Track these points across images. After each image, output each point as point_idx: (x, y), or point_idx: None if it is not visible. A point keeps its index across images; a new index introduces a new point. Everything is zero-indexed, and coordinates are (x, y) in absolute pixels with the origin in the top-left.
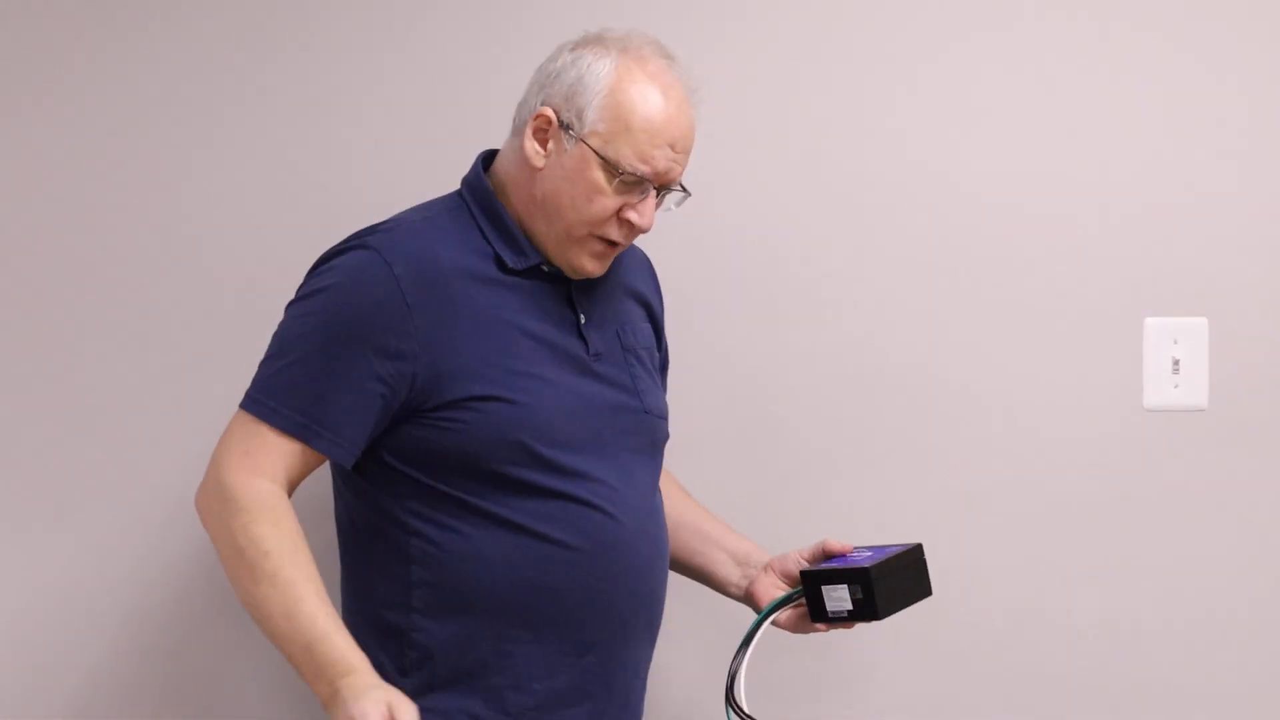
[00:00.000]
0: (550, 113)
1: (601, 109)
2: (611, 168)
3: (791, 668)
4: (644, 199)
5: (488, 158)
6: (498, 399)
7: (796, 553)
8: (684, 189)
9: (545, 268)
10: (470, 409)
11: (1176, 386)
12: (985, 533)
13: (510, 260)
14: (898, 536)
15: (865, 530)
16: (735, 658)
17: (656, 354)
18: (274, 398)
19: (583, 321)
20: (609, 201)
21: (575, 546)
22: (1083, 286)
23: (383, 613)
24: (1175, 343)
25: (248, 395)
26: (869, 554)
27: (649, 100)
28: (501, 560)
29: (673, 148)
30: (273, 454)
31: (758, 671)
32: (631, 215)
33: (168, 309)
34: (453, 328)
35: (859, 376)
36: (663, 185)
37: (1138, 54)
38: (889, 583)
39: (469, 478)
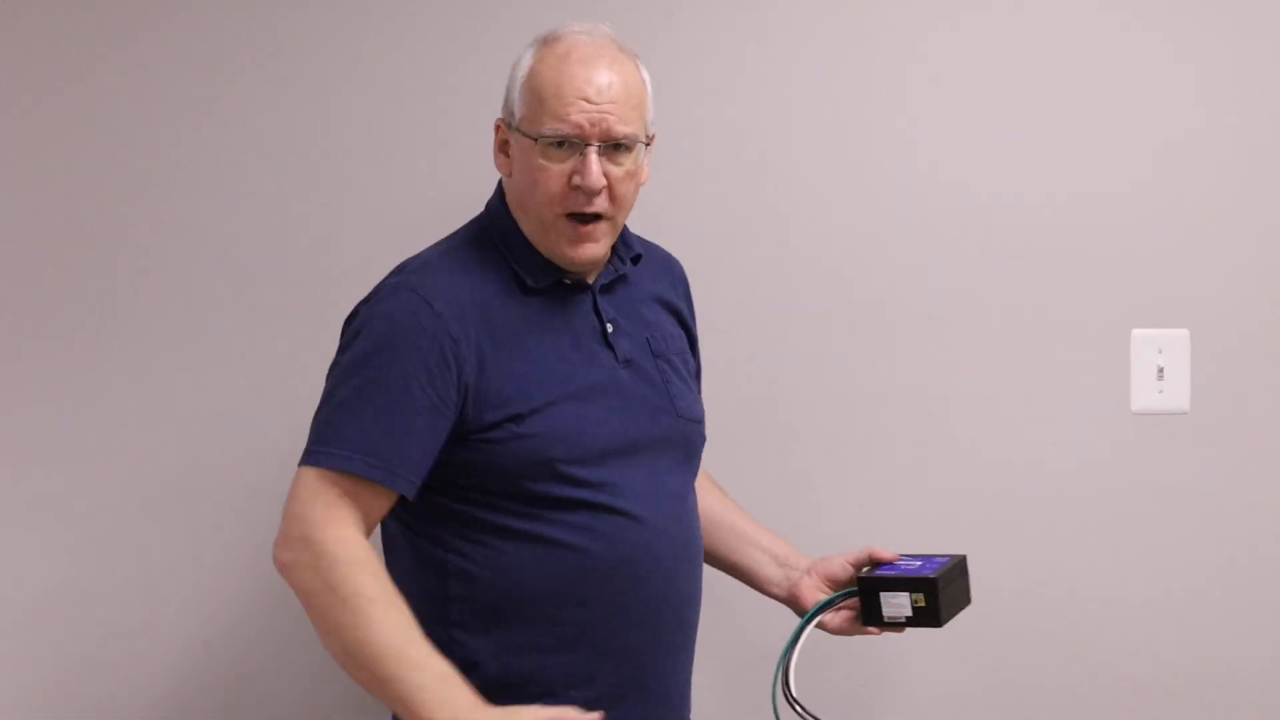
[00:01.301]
0: (500, 120)
1: (520, 96)
2: (536, 141)
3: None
4: (583, 159)
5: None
6: (527, 418)
7: (841, 557)
8: (644, 140)
9: (567, 280)
10: (504, 430)
11: (1161, 392)
12: (983, 529)
13: (530, 280)
14: (897, 536)
15: (858, 529)
16: (784, 655)
17: (690, 359)
18: (345, 446)
19: (610, 330)
20: (552, 174)
21: (601, 555)
22: (1075, 301)
23: (425, 628)
24: (1160, 352)
25: (313, 451)
26: (918, 563)
27: (553, 69)
28: (531, 573)
29: (587, 100)
30: (354, 503)
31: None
32: (575, 179)
33: (188, 307)
34: (488, 354)
35: (861, 383)
36: (602, 140)
37: (1127, 78)
38: (948, 592)
39: (501, 496)
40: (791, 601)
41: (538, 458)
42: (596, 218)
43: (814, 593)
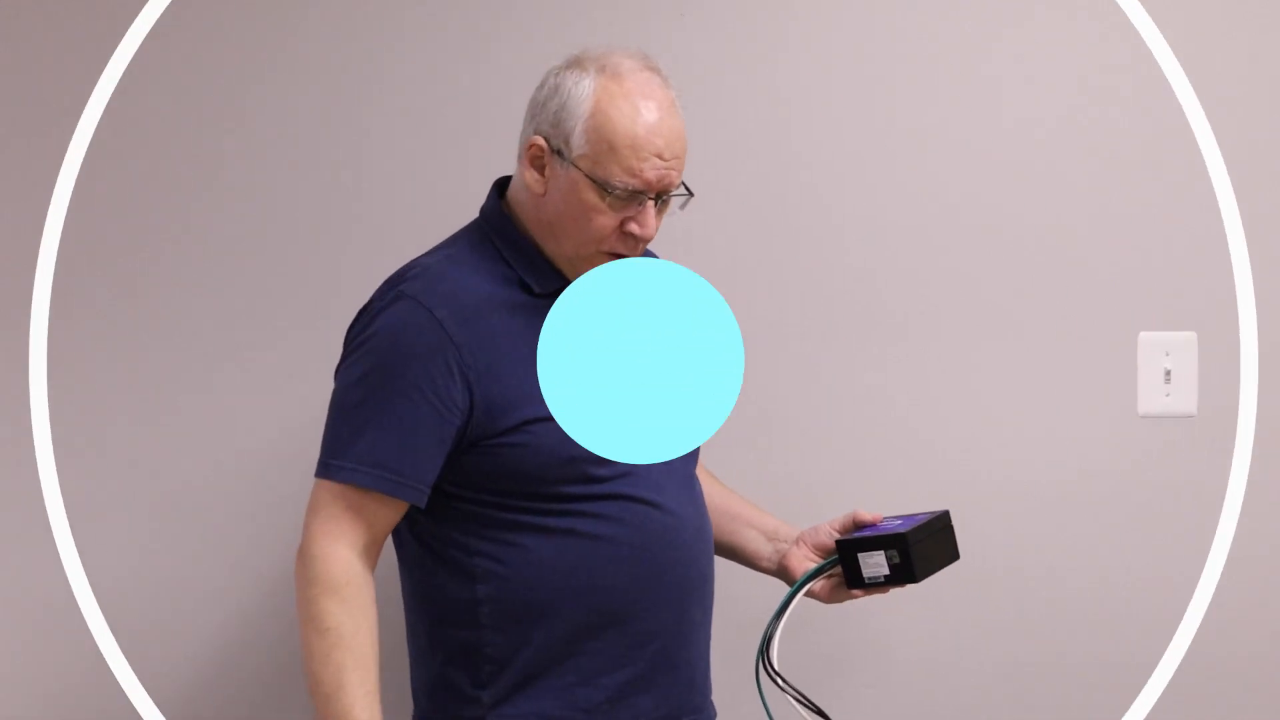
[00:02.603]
0: (541, 140)
1: (585, 132)
2: (602, 187)
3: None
4: (642, 210)
5: (502, 184)
6: (545, 421)
7: (827, 524)
8: (687, 190)
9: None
10: (526, 433)
11: (1168, 395)
12: (989, 532)
13: (535, 285)
14: None
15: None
16: (770, 624)
17: None
18: (350, 459)
19: None
20: (607, 218)
21: (626, 542)
22: (1082, 304)
23: (453, 633)
24: (1167, 355)
25: (322, 463)
26: (899, 522)
27: (628, 117)
28: (559, 567)
29: (660, 157)
30: (357, 517)
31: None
32: (633, 227)
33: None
34: (497, 357)
35: (867, 386)
36: (660, 193)
37: (1135, 82)
38: (924, 547)
39: (526, 496)
40: (782, 574)
41: (562, 456)
42: None
43: (803, 563)
